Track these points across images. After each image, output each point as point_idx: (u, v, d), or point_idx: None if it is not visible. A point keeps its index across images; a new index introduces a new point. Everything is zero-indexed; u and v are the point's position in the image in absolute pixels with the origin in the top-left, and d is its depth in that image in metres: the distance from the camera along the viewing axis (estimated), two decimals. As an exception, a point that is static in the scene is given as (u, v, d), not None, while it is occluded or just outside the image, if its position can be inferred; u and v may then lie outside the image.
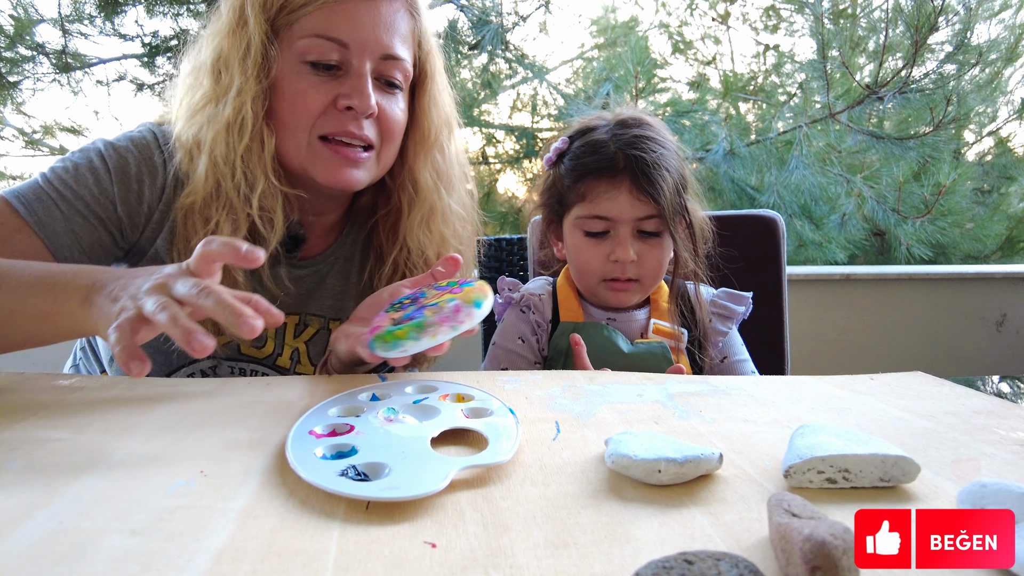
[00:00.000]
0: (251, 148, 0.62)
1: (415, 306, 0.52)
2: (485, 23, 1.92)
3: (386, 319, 0.52)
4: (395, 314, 0.52)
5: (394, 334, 0.47)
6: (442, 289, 0.55)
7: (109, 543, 0.29)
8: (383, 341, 0.48)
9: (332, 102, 0.62)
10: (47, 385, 0.53)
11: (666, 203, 0.73)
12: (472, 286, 0.52)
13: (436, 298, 0.51)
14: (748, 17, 2.28)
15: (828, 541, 0.26)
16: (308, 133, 0.63)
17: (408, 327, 0.47)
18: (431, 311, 0.49)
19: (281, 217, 0.65)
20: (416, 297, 0.55)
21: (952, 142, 2.21)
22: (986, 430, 0.46)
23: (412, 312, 0.51)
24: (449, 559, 0.29)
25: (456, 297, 0.50)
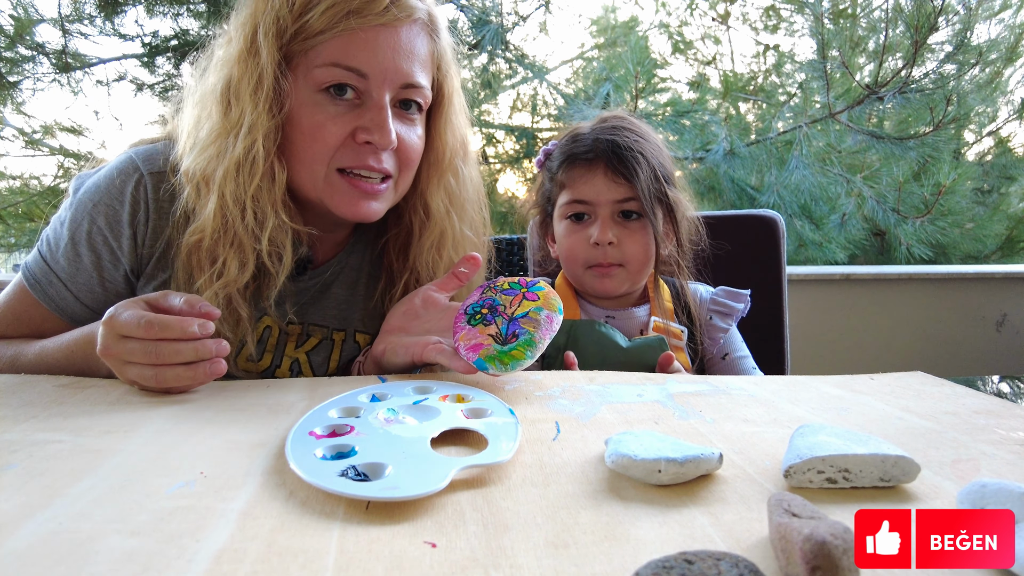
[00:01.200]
0: (262, 186, 0.60)
1: (501, 317, 0.56)
2: (485, 23, 1.93)
3: (482, 336, 0.54)
4: (488, 328, 0.55)
5: (511, 355, 0.52)
6: (512, 293, 0.58)
7: (109, 544, 0.29)
8: (500, 362, 0.51)
9: (351, 134, 0.61)
10: (48, 387, 0.53)
11: (642, 186, 0.76)
12: (542, 289, 0.57)
13: (516, 305, 0.56)
14: (748, 17, 2.28)
15: (828, 541, 0.26)
16: (326, 166, 0.61)
17: (521, 346, 0.52)
18: (529, 324, 0.54)
19: (290, 251, 0.63)
20: (493, 305, 0.57)
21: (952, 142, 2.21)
22: (986, 430, 0.46)
23: (508, 326, 0.55)
24: (449, 559, 0.29)
25: (540, 305, 0.56)
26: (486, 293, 0.59)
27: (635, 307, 0.83)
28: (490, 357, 0.51)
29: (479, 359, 0.52)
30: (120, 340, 0.50)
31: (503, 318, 0.55)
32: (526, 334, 0.53)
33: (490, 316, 0.56)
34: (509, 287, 0.59)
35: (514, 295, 0.57)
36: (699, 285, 0.88)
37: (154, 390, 0.52)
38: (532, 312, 0.55)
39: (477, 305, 0.58)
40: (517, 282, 0.59)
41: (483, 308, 0.57)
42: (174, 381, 0.51)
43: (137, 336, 0.50)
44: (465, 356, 0.53)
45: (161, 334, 0.49)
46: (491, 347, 0.52)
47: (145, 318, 0.50)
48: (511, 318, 0.55)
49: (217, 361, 0.52)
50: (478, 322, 0.56)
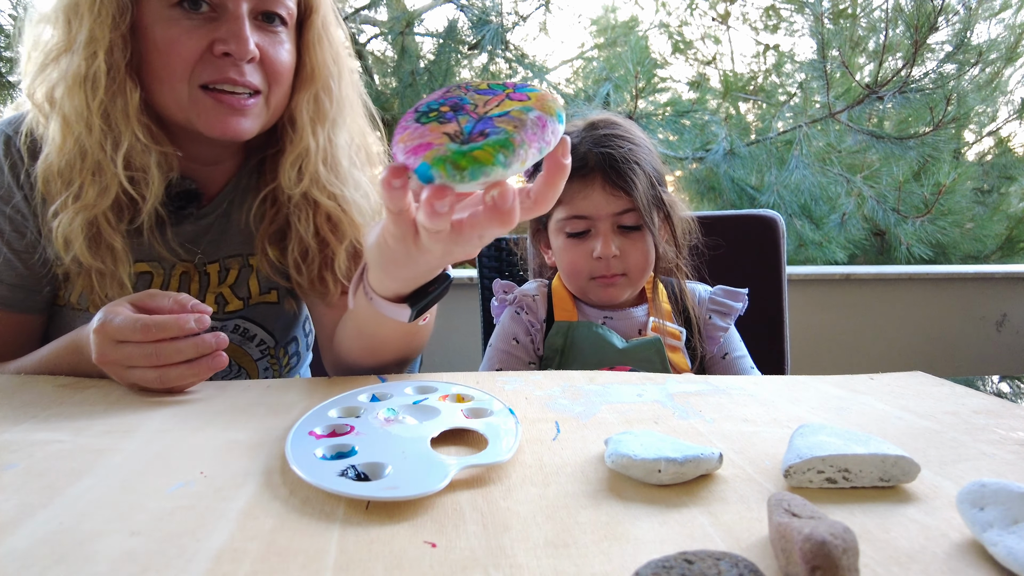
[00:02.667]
0: (111, 103, 0.57)
1: (469, 116, 0.37)
2: (485, 23, 1.92)
3: (435, 134, 0.36)
4: (445, 127, 0.36)
5: (472, 156, 0.33)
6: (493, 93, 0.39)
7: (109, 544, 0.29)
8: (453, 165, 0.33)
9: (208, 47, 0.58)
10: (48, 387, 0.53)
11: (640, 196, 0.75)
12: (536, 91, 0.38)
13: (495, 105, 0.37)
14: (748, 17, 2.28)
15: (828, 541, 0.26)
16: (187, 83, 0.58)
17: (490, 146, 0.34)
18: (507, 123, 0.35)
19: (158, 176, 0.60)
20: (457, 103, 0.38)
21: (952, 142, 2.21)
22: (986, 430, 0.46)
23: (477, 124, 0.36)
24: (449, 559, 0.29)
25: (531, 106, 0.37)
26: (452, 92, 0.40)
27: (633, 308, 0.83)
28: (439, 159, 0.34)
29: (422, 163, 0.34)
30: (117, 346, 0.50)
31: (470, 117, 0.37)
32: (500, 133, 0.35)
33: (450, 115, 0.37)
34: (488, 88, 0.39)
35: (493, 95, 0.38)
36: (697, 285, 0.88)
37: (157, 391, 0.52)
38: (516, 111, 0.36)
39: (435, 103, 0.39)
40: (501, 84, 0.40)
41: (442, 106, 0.38)
42: (178, 380, 0.50)
43: (135, 340, 0.49)
44: (403, 160, 0.35)
45: (159, 335, 0.49)
46: (443, 147, 0.35)
47: (141, 321, 0.49)
48: (482, 117, 0.37)
49: (218, 354, 0.51)
50: (429, 118, 0.37)
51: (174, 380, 0.50)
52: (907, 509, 0.34)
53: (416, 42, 2.04)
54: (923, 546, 0.30)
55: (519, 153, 0.34)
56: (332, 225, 0.68)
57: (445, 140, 0.35)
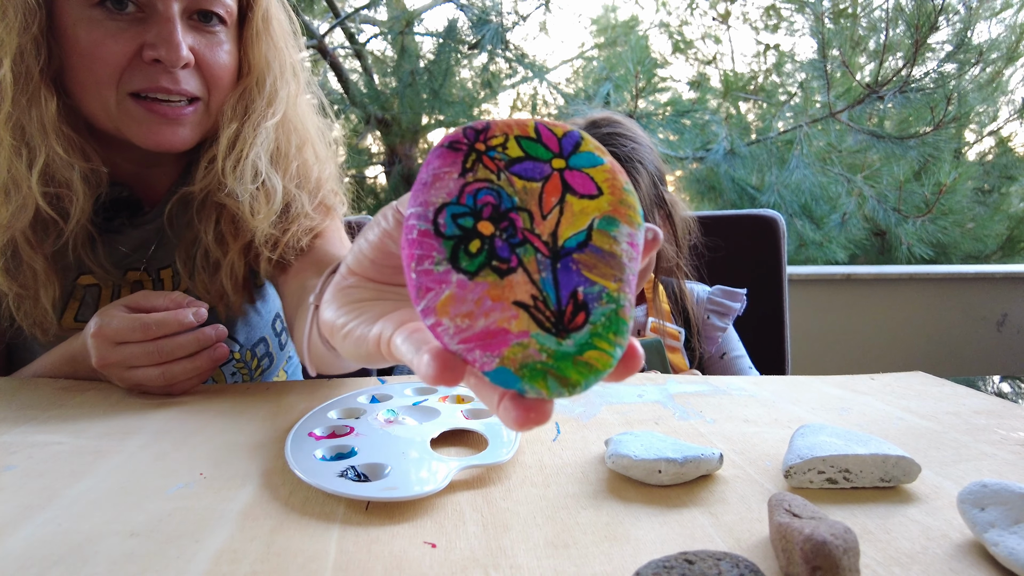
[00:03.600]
0: (25, 114, 0.52)
1: (531, 246, 0.23)
2: (485, 22, 1.92)
3: (503, 307, 0.22)
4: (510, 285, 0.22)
5: (585, 364, 0.21)
6: (533, 172, 0.24)
7: (108, 545, 0.29)
8: (558, 380, 0.21)
9: (136, 52, 0.53)
10: (46, 389, 0.53)
11: (642, 195, 0.75)
12: (600, 162, 0.25)
13: (554, 210, 0.24)
14: (748, 16, 2.28)
15: (829, 541, 0.26)
16: (115, 90, 0.54)
17: (602, 337, 0.22)
18: (603, 273, 0.23)
19: (83, 190, 0.55)
20: (500, 208, 0.23)
21: (953, 141, 2.21)
22: (987, 430, 0.46)
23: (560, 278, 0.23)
24: (449, 559, 0.29)
25: (611, 213, 0.24)
26: (474, 169, 0.24)
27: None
28: (533, 370, 0.21)
29: (499, 368, 0.21)
30: (117, 347, 0.49)
31: (536, 249, 0.23)
32: (601, 297, 0.22)
33: (503, 246, 0.23)
34: (523, 157, 0.25)
35: (539, 177, 0.24)
36: (696, 285, 0.88)
37: (159, 392, 0.51)
38: (598, 232, 0.23)
39: (460, 206, 0.23)
40: (534, 138, 0.25)
41: (480, 212, 0.23)
42: (182, 376, 0.50)
43: (135, 340, 0.48)
44: (468, 359, 0.21)
45: (160, 332, 0.48)
46: (530, 341, 0.21)
47: (140, 320, 0.48)
48: (557, 250, 0.23)
49: (219, 346, 0.51)
50: (479, 262, 0.23)
51: (178, 376, 0.50)
52: (908, 509, 0.34)
53: (416, 42, 2.03)
54: (924, 546, 0.30)
55: (629, 324, 0.22)
56: (234, 227, 0.63)
57: (526, 323, 0.21)
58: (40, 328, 0.60)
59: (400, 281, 0.30)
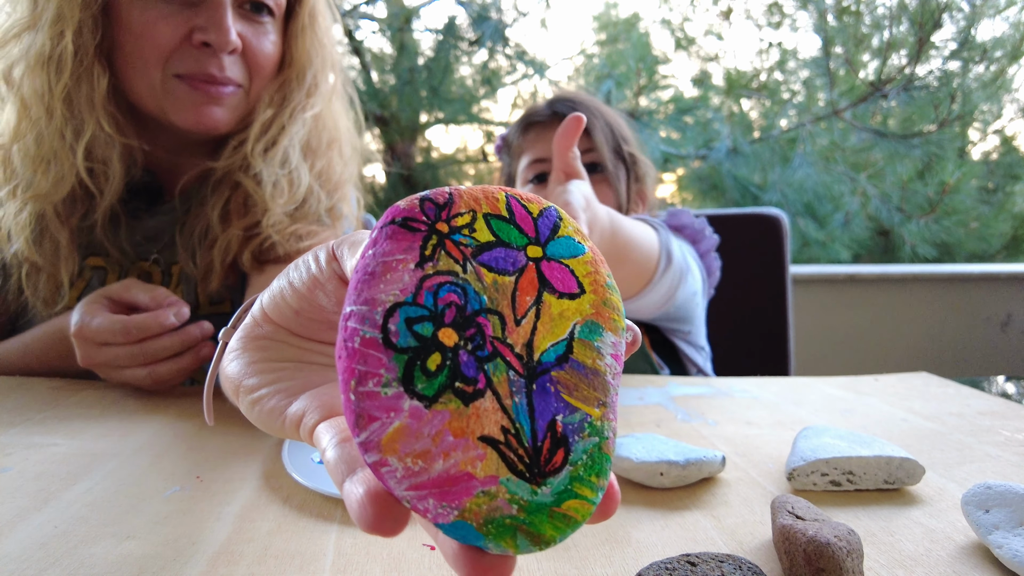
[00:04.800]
0: (76, 88, 0.53)
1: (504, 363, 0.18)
2: (485, 19, 1.92)
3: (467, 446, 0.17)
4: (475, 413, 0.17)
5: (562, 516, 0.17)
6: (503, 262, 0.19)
7: (105, 548, 0.29)
8: (529, 537, 0.17)
9: (186, 36, 0.54)
10: (43, 390, 0.53)
11: (597, 135, 0.76)
12: (581, 251, 0.21)
13: (528, 312, 0.19)
14: (751, 13, 2.27)
15: (832, 543, 0.26)
16: (161, 70, 0.55)
17: (583, 481, 0.18)
18: (584, 397, 0.19)
19: (119, 169, 0.56)
20: (466, 312, 0.18)
21: (957, 140, 2.20)
22: (991, 431, 0.45)
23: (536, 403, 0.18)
24: (447, 562, 0.28)
25: (593, 317, 0.20)
26: (435, 258, 0.18)
27: None
28: (500, 526, 0.16)
29: (458, 522, 0.16)
30: (100, 348, 0.48)
31: (508, 365, 0.18)
32: (585, 431, 0.18)
33: (469, 361, 0.17)
34: (493, 242, 0.19)
35: (512, 269, 0.19)
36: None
37: (150, 391, 0.51)
38: (579, 343, 0.19)
39: (417, 307, 0.18)
40: (506, 218, 0.20)
41: (441, 317, 0.18)
42: (168, 376, 0.50)
43: (117, 342, 0.48)
44: (416, 508, 0.16)
45: (141, 335, 0.48)
46: (498, 490, 0.17)
47: (120, 322, 0.47)
48: (533, 367, 0.18)
49: (204, 345, 0.51)
50: (439, 384, 0.17)
51: (164, 376, 0.50)
52: (911, 511, 0.33)
53: (415, 38, 2.03)
54: (928, 549, 0.30)
55: (610, 462, 0.19)
56: (244, 207, 0.63)
57: (495, 465, 0.17)
58: (46, 304, 0.59)
59: (329, 339, 0.24)
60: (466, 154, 2.21)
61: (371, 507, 0.17)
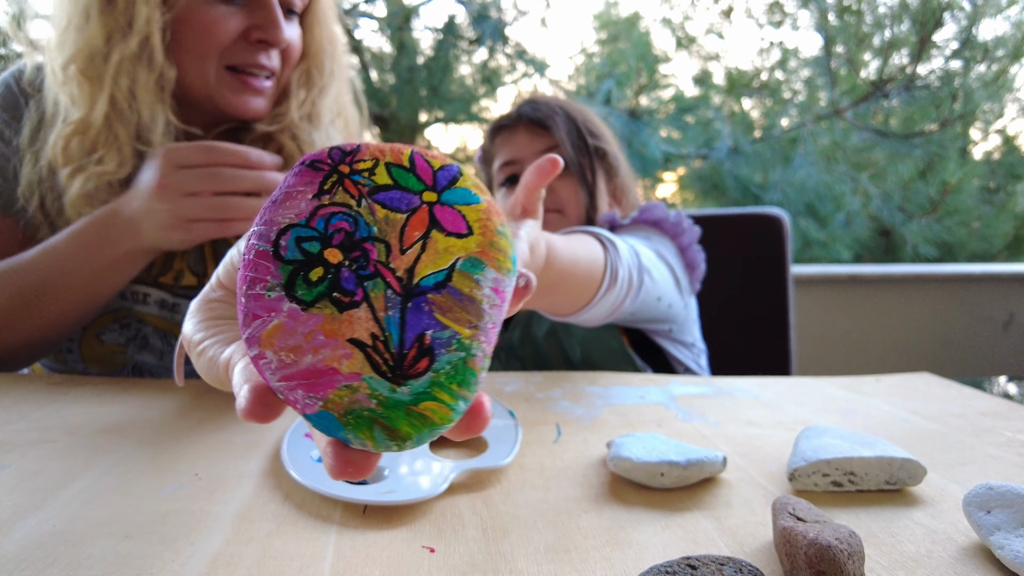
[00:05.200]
0: (152, 83, 0.61)
1: (382, 280, 0.21)
2: (485, 18, 1.91)
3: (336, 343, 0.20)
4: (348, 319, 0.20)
5: (420, 415, 0.19)
6: (400, 202, 0.22)
7: (103, 547, 0.29)
8: (386, 432, 0.19)
9: (242, 33, 0.63)
10: (40, 386, 0.53)
11: (560, 133, 0.78)
12: (476, 200, 0.23)
13: (418, 243, 0.22)
14: (752, 12, 2.27)
15: (833, 545, 0.26)
16: (216, 63, 0.63)
17: (443, 387, 0.20)
18: (457, 317, 0.21)
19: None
20: (355, 236, 0.21)
21: (958, 140, 2.19)
22: (993, 432, 0.45)
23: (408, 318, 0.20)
24: (448, 564, 0.28)
25: (477, 254, 0.22)
26: (332, 192, 0.22)
27: None
28: (359, 418, 0.19)
29: (321, 412, 0.19)
30: (178, 171, 0.52)
31: (387, 284, 0.21)
32: (451, 344, 0.20)
33: (349, 277, 0.21)
34: (390, 185, 0.23)
35: (405, 208, 0.22)
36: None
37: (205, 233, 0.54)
38: (459, 273, 0.22)
39: (308, 229, 0.21)
40: (406, 168, 0.23)
41: (329, 239, 0.21)
42: (235, 212, 0.53)
43: (197, 163, 0.51)
44: (287, 398, 0.19)
45: (223, 158, 0.52)
46: (360, 385, 0.19)
47: (205, 144, 0.52)
48: (410, 287, 0.21)
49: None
50: (317, 292, 0.20)
51: (231, 211, 0.52)
52: (913, 512, 0.33)
53: (414, 37, 2.02)
54: (929, 550, 0.30)
55: (480, 378, 0.21)
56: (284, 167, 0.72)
57: (360, 364, 0.19)
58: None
59: None
60: (466, 153, 2.21)
61: (249, 395, 0.19)
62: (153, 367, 0.68)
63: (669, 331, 0.75)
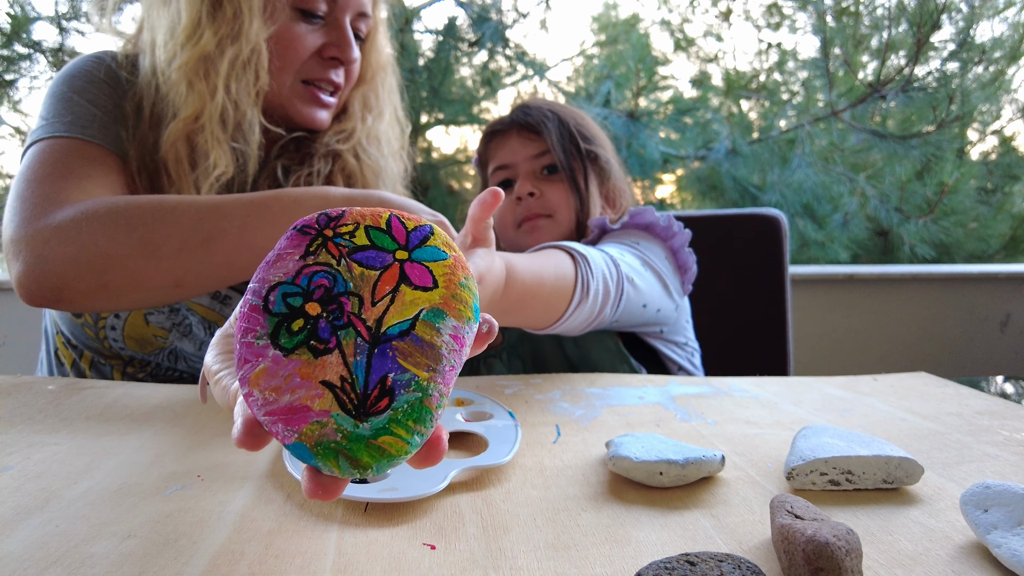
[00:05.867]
0: (255, 89, 0.66)
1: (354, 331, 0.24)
2: (485, 20, 1.92)
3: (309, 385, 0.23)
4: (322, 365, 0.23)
5: (378, 448, 0.23)
6: (374, 261, 0.26)
7: (105, 547, 0.29)
8: (349, 461, 0.23)
9: (317, 51, 0.69)
10: (43, 389, 0.53)
11: (551, 137, 0.79)
12: (443, 257, 0.27)
13: (387, 297, 0.25)
14: (750, 14, 2.27)
15: (831, 543, 0.26)
16: (293, 76, 0.69)
17: (400, 423, 0.23)
18: (416, 362, 0.24)
19: (255, 151, 0.69)
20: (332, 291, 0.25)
21: (955, 141, 2.20)
22: (990, 431, 0.46)
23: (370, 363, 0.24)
24: (448, 561, 0.28)
25: (440, 305, 0.25)
26: (316, 253, 0.26)
27: None
28: (326, 449, 0.23)
29: (297, 443, 0.23)
30: None
31: (357, 333, 0.24)
32: (409, 385, 0.23)
33: (325, 327, 0.24)
34: (367, 246, 0.26)
35: (379, 266, 0.26)
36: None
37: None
38: (422, 323, 0.25)
39: (293, 286, 0.25)
40: (383, 229, 0.27)
41: (311, 294, 0.25)
42: None
43: None
44: (271, 430, 0.23)
45: None
46: (328, 421, 0.23)
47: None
48: (377, 336, 0.24)
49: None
50: (297, 340, 0.24)
51: None
52: (910, 511, 0.33)
53: (415, 39, 2.03)
54: (926, 548, 0.30)
55: (436, 415, 0.24)
56: (349, 183, 0.76)
57: (329, 403, 0.23)
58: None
59: None
60: (466, 154, 2.21)
61: (241, 427, 0.24)
62: (190, 356, 0.69)
63: (660, 332, 0.76)
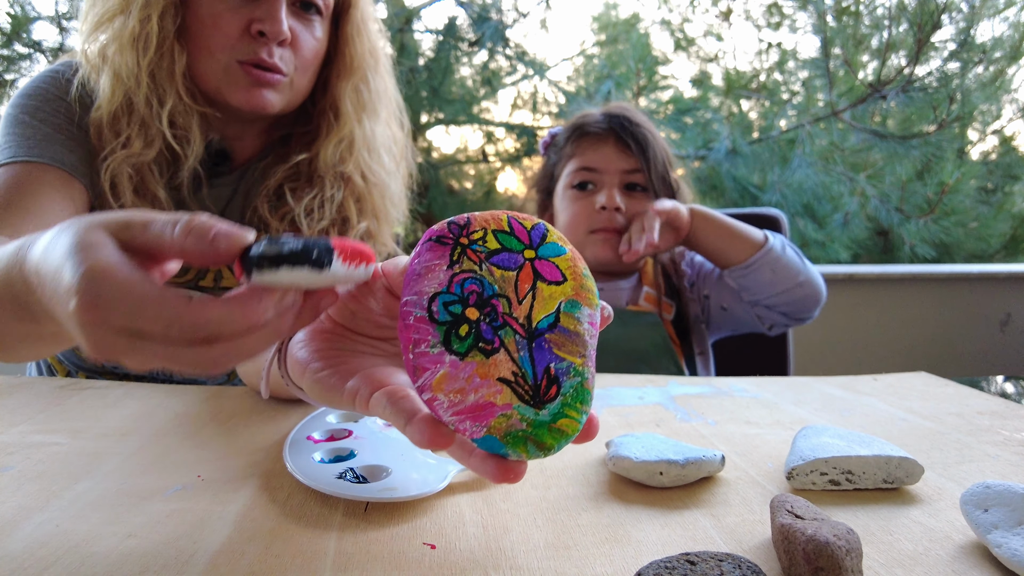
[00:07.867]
0: (159, 64, 0.62)
1: (510, 329, 0.27)
2: (485, 20, 1.92)
3: (489, 384, 0.26)
4: (494, 364, 0.26)
5: (558, 430, 0.26)
6: (509, 263, 0.28)
7: (106, 547, 0.29)
8: (536, 445, 0.25)
9: (246, 26, 0.63)
10: (44, 389, 0.53)
11: (651, 158, 0.79)
12: (563, 252, 0.29)
13: (528, 294, 0.28)
14: (751, 14, 2.27)
15: (831, 542, 0.26)
16: (225, 56, 0.64)
17: (572, 407, 0.26)
18: (568, 347, 0.27)
19: (199, 135, 0.65)
20: (484, 295, 0.27)
21: (956, 141, 2.19)
22: (990, 431, 0.46)
23: (536, 356, 0.26)
24: (448, 560, 0.28)
25: (574, 297, 0.28)
26: (460, 261, 0.28)
27: (622, 280, 0.83)
28: (515, 437, 0.25)
29: (487, 436, 0.25)
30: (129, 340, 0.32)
31: (514, 331, 0.27)
32: (568, 372, 0.26)
33: (487, 329, 0.27)
34: (499, 249, 0.29)
35: (514, 267, 0.28)
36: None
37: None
38: (564, 315, 0.27)
39: (450, 295, 0.27)
40: (508, 232, 0.29)
41: (467, 300, 0.27)
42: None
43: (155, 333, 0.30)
44: (458, 428, 0.25)
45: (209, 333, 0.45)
46: (512, 413, 0.25)
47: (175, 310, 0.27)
48: (532, 331, 0.27)
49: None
50: (468, 344, 0.26)
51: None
52: (911, 511, 0.33)
53: (415, 39, 2.03)
54: (927, 548, 0.30)
55: (593, 394, 0.27)
56: (359, 205, 0.72)
57: (508, 397, 0.25)
58: None
59: (374, 334, 0.33)
60: (466, 154, 2.21)
61: (429, 429, 0.25)
62: None
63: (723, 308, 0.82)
